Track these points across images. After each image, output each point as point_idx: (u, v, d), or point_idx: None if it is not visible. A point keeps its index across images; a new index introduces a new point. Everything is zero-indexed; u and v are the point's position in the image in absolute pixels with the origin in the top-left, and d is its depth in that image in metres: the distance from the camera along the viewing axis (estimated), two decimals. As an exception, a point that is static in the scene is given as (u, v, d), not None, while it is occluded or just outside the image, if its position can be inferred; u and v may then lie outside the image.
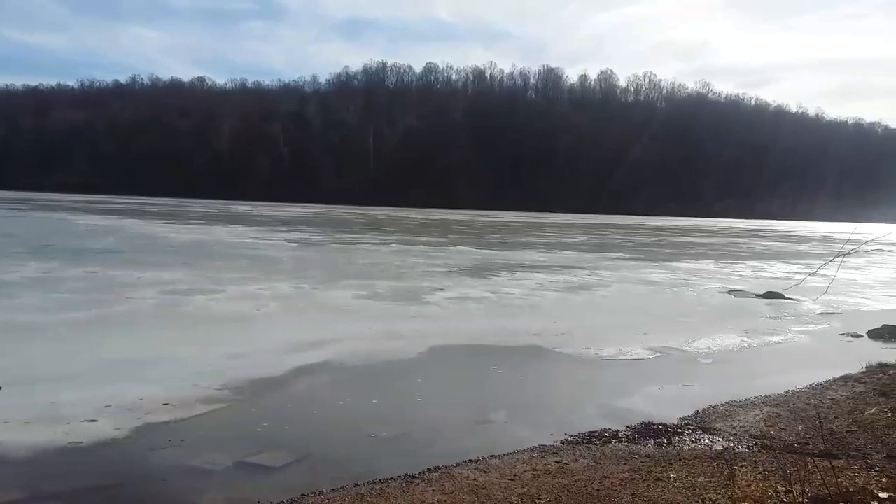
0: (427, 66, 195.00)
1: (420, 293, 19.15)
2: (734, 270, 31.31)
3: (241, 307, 15.74)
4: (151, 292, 17.25)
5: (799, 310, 19.12)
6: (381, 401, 9.34)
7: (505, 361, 11.89)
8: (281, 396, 9.33)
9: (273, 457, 7.05)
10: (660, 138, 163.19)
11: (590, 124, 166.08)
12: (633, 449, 7.35)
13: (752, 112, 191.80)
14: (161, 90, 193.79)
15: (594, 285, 23.08)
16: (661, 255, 39.40)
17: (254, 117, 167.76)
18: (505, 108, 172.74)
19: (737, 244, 56.26)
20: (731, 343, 14.00)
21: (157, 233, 42.00)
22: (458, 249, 37.05)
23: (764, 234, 79.44)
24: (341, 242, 40.25)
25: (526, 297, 19.63)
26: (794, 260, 39.82)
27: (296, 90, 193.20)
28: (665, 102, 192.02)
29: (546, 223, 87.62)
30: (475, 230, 62.89)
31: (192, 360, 10.57)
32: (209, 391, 9.07)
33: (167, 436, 7.52)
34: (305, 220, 71.22)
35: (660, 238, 62.05)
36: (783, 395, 9.85)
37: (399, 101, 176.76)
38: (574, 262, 32.07)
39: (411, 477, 6.44)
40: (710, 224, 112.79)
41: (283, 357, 11.08)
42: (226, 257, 27.65)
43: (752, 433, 7.95)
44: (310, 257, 30.44)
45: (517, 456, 7.08)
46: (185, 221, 56.95)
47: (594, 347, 12.91)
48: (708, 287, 23.88)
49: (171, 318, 14.21)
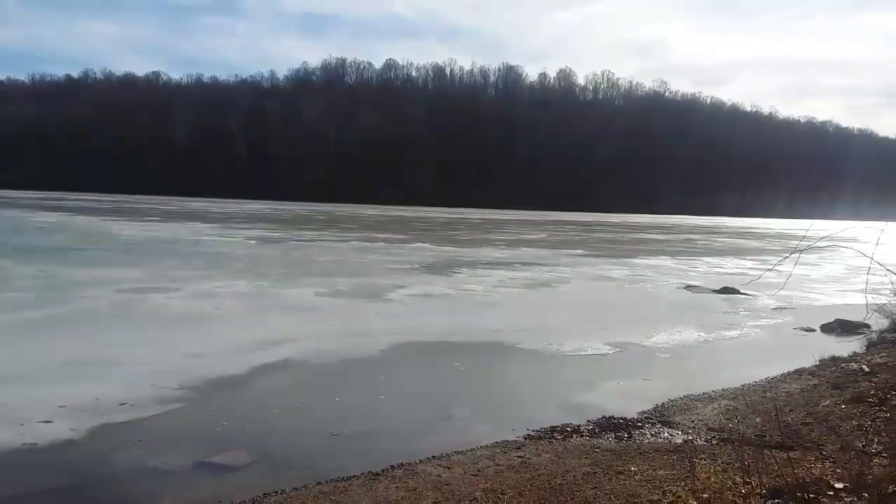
0: (387, 63, 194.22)
1: (381, 290, 19.09)
2: (691, 266, 31.82)
3: (200, 305, 15.52)
4: (107, 291, 16.89)
5: (754, 305, 19.51)
6: (343, 399, 9.29)
7: (467, 358, 11.92)
8: (241, 395, 9.22)
9: (233, 456, 6.97)
10: (618, 136, 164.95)
11: (550, 122, 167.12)
12: (594, 443, 7.43)
13: (708, 110, 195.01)
14: (115, 84, 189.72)
15: (554, 282, 23.27)
16: (620, 252, 39.87)
17: (210, 113, 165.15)
18: (465, 105, 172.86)
19: (693, 241, 57.17)
20: (688, 338, 14.24)
21: (112, 230, 41.17)
22: (419, 246, 37.02)
23: (720, 231, 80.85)
24: (301, 240, 39.93)
25: (487, 293, 19.69)
26: (749, 256, 40.59)
27: (253, 85, 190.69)
28: (623, 101, 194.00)
29: (506, 220, 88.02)
30: (436, 227, 62.91)
31: (149, 360, 10.38)
32: (167, 391, 8.93)
33: (125, 436, 7.39)
34: (264, 217, 70.50)
35: (619, 235, 62.78)
36: (740, 388, 10.04)
37: (359, 97, 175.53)
38: (534, 258, 32.27)
39: (374, 474, 6.41)
40: (668, 221, 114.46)
41: (242, 356, 10.94)
42: (183, 255, 27.22)
43: (710, 426, 8.09)
44: (269, 255, 30.13)
45: (480, 451, 7.11)
46: (140, 218, 55.93)
47: (555, 343, 13.01)
48: (666, 283, 24.23)
49: (128, 317, 13.94)
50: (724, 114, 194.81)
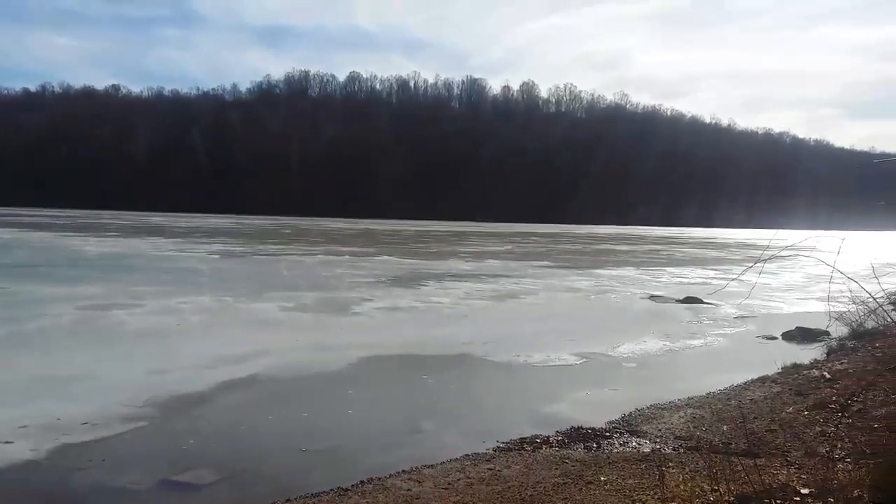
0: (351, 75, 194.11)
1: (348, 304, 19.00)
2: (654, 277, 32.19)
3: (163, 321, 15.28)
4: (67, 307, 16.55)
5: (717, 314, 19.80)
6: (311, 414, 9.21)
7: (435, 370, 11.89)
8: (207, 412, 9.08)
9: (200, 474, 6.86)
10: (582, 148, 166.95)
11: (514, 134, 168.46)
12: (563, 454, 7.45)
13: (668, 122, 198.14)
14: (73, 98, 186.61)
15: (521, 293, 23.36)
16: (585, 263, 40.20)
17: (171, 126, 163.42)
18: (430, 117, 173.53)
19: (657, 251, 57.88)
20: (653, 347, 14.38)
21: (72, 246, 40.38)
22: (385, 259, 36.93)
23: (682, 242, 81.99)
24: (265, 254, 39.59)
25: (454, 305, 19.71)
26: (710, 266, 41.20)
27: (215, 99, 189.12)
28: (585, 113, 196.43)
29: (472, 232, 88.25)
30: (402, 240, 62.84)
31: (112, 377, 10.19)
32: (131, 409, 8.76)
33: (88, 456, 7.23)
34: (227, 231, 69.78)
35: (583, 246, 63.31)
36: (705, 396, 10.17)
37: (323, 110, 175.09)
38: (500, 270, 32.38)
39: (344, 490, 6.37)
40: (631, 232, 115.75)
41: (207, 372, 10.79)
42: (145, 270, 26.80)
43: (677, 434, 8.17)
44: (233, 269, 29.81)
45: (450, 465, 7.09)
46: (100, 234, 54.95)
47: (523, 354, 13.06)
48: (630, 293, 24.47)
49: (89, 334, 13.67)
50: (684, 125, 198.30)
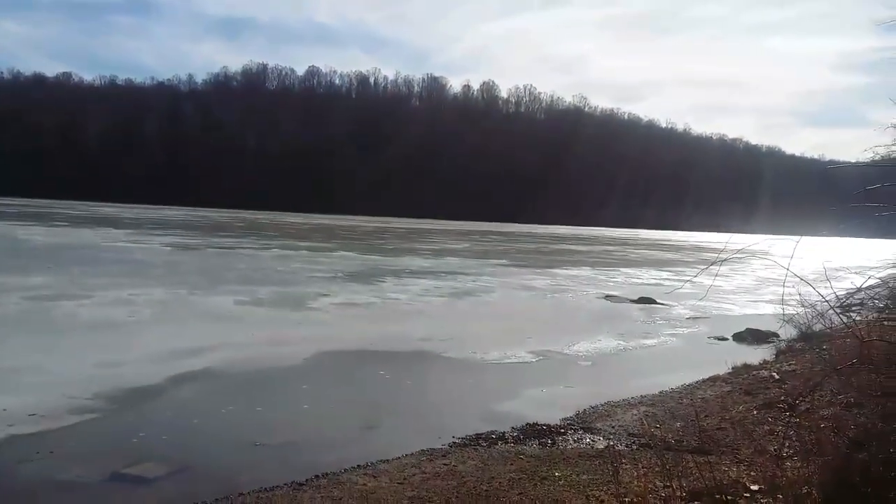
0: (310, 70, 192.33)
1: (304, 299, 18.85)
2: (609, 277, 32.59)
3: (114, 313, 14.95)
4: (14, 297, 16.11)
5: (670, 314, 20.12)
6: (265, 408, 9.11)
7: (392, 366, 11.86)
8: (158, 406, 8.92)
9: (150, 468, 6.73)
10: (540, 149, 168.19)
11: (473, 133, 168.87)
12: (519, 449, 7.50)
13: (625, 126, 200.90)
14: (22, 85, 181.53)
15: (478, 291, 23.44)
16: (542, 262, 40.52)
17: (124, 116, 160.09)
18: (389, 114, 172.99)
19: (611, 252, 58.62)
20: (608, 346, 14.56)
21: (19, 235, 39.28)
22: (343, 255, 36.72)
23: (636, 243, 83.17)
24: (220, 247, 39.04)
25: (412, 302, 19.68)
26: (665, 267, 41.87)
27: (170, 89, 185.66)
28: (545, 114, 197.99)
29: (430, 230, 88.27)
30: (359, 236, 62.56)
31: (60, 369, 9.95)
32: (80, 401, 8.57)
33: (35, 448, 7.05)
34: (181, 223, 68.64)
35: (541, 245, 63.80)
36: (657, 395, 10.34)
37: (281, 103, 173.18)
38: (458, 268, 32.44)
39: (299, 484, 6.32)
40: (589, 233, 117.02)
41: (160, 365, 10.61)
42: (95, 262, 26.19)
43: (630, 432, 8.29)
44: (187, 262, 29.32)
45: (406, 460, 7.09)
46: (49, 223, 53.55)
47: (479, 352, 13.10)
48: (586, 293, 24.74)
49: (37, 325, 13.32)
50: (640, 129, 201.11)
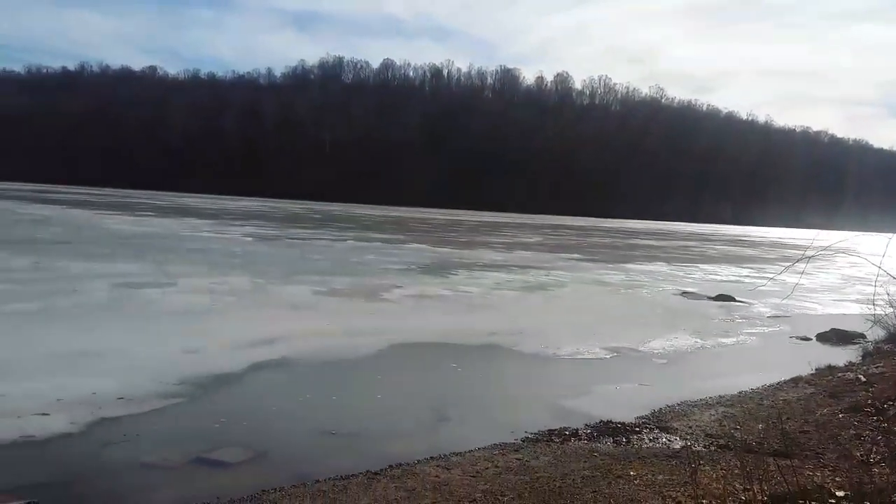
0: (384, 62, 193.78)
1: (378, 290, 19.06)
2: (686, 273, 31.87)
3: (196, 301, 15.45)
4: (102, 284, 16.80)
5: (750, 313, 19.55)
6: (340, 397, 9.27)
7: (464, 359, 11.89)
8: (238, 392, 9.19)
9: (230, 453, 6.93)
10: (614, 141, 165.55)
11: (546, 126, 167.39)
12: (592, 447, 7.41)
13: (704, 118, 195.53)
14: (110, 79, 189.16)
15: (551, 285, 23.26)
16: (616, 257, 39.91)
17: (206, 109, 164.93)
18: (462, 107, 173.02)
19: (688, 247, 57.30)
20: (684, 344, 14.24)
21: (107, 224, 41.02)
22: (415, 247, 36.98)
23: (715, 238, 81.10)
24: (296, 238, 39.85)
25: (483, 295, 19.67)
26: (744, 264, 40.68)
27: (250, 82, 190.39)
28: (619, 106, 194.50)
29: (502, 223, 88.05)
30: (432, 228, 62.88)
31: (146, 354, 10.32)
32: (165, 386, 8.88)
33: (121, 431, 7.34)
34: (258, 214, 70.35)
35: (614, 240, 62.87)
36: (736, 395, 10.06)
37: (355, 96, 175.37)
38: (530, 261, 32.27)
39: (373, 474, 6.39)
40: (663, 227, 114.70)
41: (240, 352, 10.91)
42: (179, 251, 27.12)
43: (708, 432, 8.09)
44: (265, 252, 30.04)
45: (478, 453, 7.09)
46: (134, 213, 55.72)
47: (552, 346, 13.00)
48: (661, 289, 24.26)
49: (124, 311, 13.86)
50: (719, 121, 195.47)
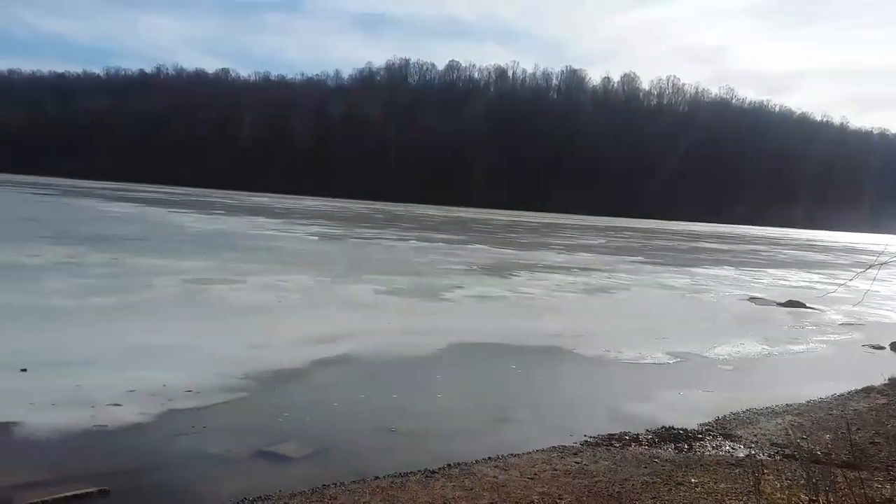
0: (450, 64, 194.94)
1: (439, 290, 19.17)
2: (754, 278, 31.07)
3: (263, 298, 15.83)
4: (173, 280, 17.37)
5: (821, 319, 18.95)
6: (400, 396, 9.37)
7: (523, 361, 11.87)
8: (301, 388, 9.38)
9: (293, 447, 7.09)
10: (682, 143, 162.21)
11: (612, 127, 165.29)
12: (653, 453, 7.32)
13: (776, 119, 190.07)
14: (185, 81, 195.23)
15: (613, 288, 22.99)
16: (681, 261, 39.18)
17: (275, 110, 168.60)
18: (527, 108, 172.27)
19: (757, 251, 55.82)
20: (751, 350, 13.91)
21: (179, 222, 42.32)
22: (477, 248, 37.03)
23: (784, 243, 78.79)
24: (360, 237, 40.35)
25: (545, 297, 19.59)
26: (815, 269, 39.45)
27: (319, 84, 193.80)
28: (688, 107, 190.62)
29: (564, 224, 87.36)
30: (493, 229, 62.83)
31: (214, 349, 10.64)
32: (231, 380, 9.14)
33: (189, 422, 7.58)
34: (324, 213, 71.45)
35: (679, 243, 61.70)
36: (805, 404, 9.78)
37: (421, 98, 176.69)
38: (592, 264, 31.95)
39: (431, 472, 6.45)
40: (730, 230, 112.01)
41: (303, 349, 11.14)
42: (247, 248, 27.81)
43: (774, 441, 7.90)
44: (329, 251, 30.54)
45: (536, 455, 7.08)
46: (205, 211, 57.31)
47: (613, 350, 12.87)
48: (728, 294, 23.71)
49: (193, 307, 14.30)
50: (792, 123, 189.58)
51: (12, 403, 7.61)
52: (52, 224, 33.63)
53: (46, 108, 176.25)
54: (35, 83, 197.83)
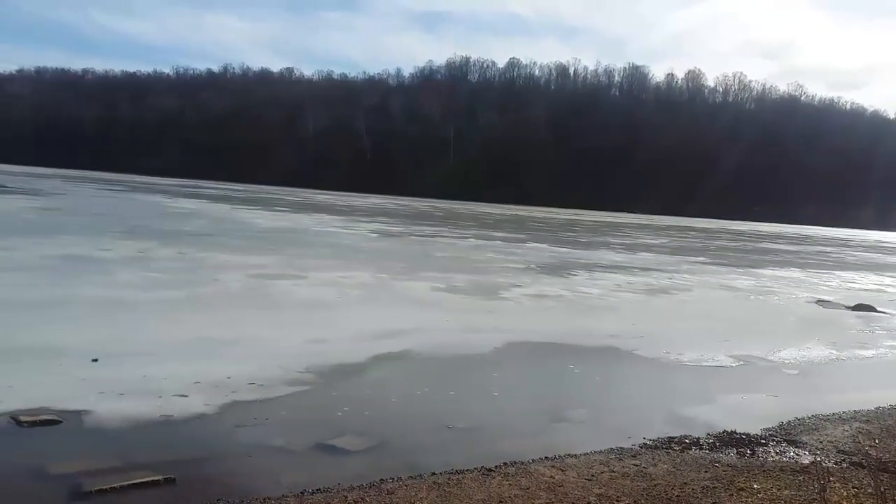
0: (510, 62, 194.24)
1: (497, 288, 19.17)
2: (822, 280, 30.15)
3: (324, 293, 16.09)
4: (238, 275, 17.80)
5: (892, 324, 18.30)
6: (457, 393, 9.43)
7: (581, 361, 11.79)
8: (361, 383, 9.52)
9: (352, 441, 7.21)
10: (748, 141, 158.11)
11: (675, 125, 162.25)
12: (714, 457, 7.20)
13: (846, 117, 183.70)
14: (251, 80, 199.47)
15: (674, 289, 22.62)
16: (745, 261, 38.27)
17: (338, 109, 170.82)
18: (587, 105, 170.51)
19: (825, 253, 54.13)
20: (818, 355, 13.51)
21: (244, 218, 43.26)
22: (535, 246, 36.87)
23: (854, 244, 76.19)
24: (420, 235, 40.60)
25: (603, 297, 19.40)
26: (887, 272, 38.06)
27: (380, 83, 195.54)
28: (755, 104, 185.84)
29: (624, 223, 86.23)
30: (552, 228, 62.43)
31: (277, 343, 10.88)
32: (293, 373, 9.33)
33: (252, 414, 7.77)
34: (385, 211, 72.08)
35: (743, 243, 60.26)
36: (874, 411, 9.48)
37: (481, 96, 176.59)
38: (653, 264, 31.47)
39: (488, 470, 6.47)
40: (797, 231, 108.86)
41: (363, 344, 11.30)
42: (310, 245, 28.29)
43: (840, 448, 7.68)
44: (390, 248, 30.82)
45: (594, 456, 7.04)
46: (270, 208, 58.45)
47: (674, 352, 12.67)
48: (794, 296, 23.07)
49: (258, 301, 14.62)
50: (864, 121, 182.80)
51: (83, 392, 7.92)
52: (123, 219, 34.81)
53: (119, 108, 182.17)
54: (108, 83, 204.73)
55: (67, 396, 7.74)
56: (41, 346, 9.64)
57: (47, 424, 7.05)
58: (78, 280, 15.44)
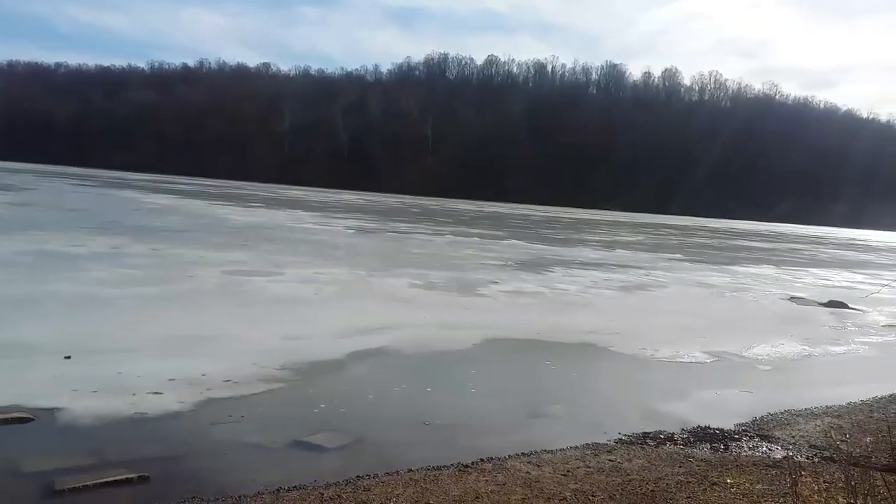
0: (488, 59, 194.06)
1: (474, 285, 19.19)
2: (795, 277, 30.54)
3: (300, 290, 16.01)
4: (213, 271, 17.66)
5: (863, 321, 18.57)
6: (435, 389, 9.42)
7: (558, 357, 11.85)
8: (337, 379, 9.48)
9: (329, 438, 7.19)
10: (724, 139, 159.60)
11: (652, 123, 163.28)
12: (688, 452, 7.27)
13: (820, 116, 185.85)
14: (227, 75, 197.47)
15: (650, 285, 22.79)
16: (720, 259, 38.65)
17: (315, 105, 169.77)
18: (565, 103, 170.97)
19: (798, 250, 54.82)
20: (791, 351, 13.69)
21: (219, 214, 42.91)
22: (513, 243, 36.95)
23: (827, 242, 77.25)
24: (396, 231, 40.51)
25: (580, 294, 19.50)
26: (858, 269, 38.61)
27: (357, 79, 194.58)
28: (731, 103, 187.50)
29: (601, 221, 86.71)
30: (530, 225, 62.61)
31: (252, 340, 10.81)
32: (268, 370, 9.28)
33: (228, 411, 7.72)
34: (361, 207, 71.84)
35: (719, 241, 60.86)
36: (845, 406, 9.62)
37: (459, 93, 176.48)
38: (630, 261, 31.69)
39: (464, 466, 6.50)
40: (771, 229, 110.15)
41: (340, 341, 11.26)
42: (284, 241, 28.11)
43: (812, 443, 7.79)
44: (366, 244, 30.71)
45: (570, 452, 7.08)
46: (245, 204, 58.01)
47: (650, 348, 12.77)
48: (768, 293, 23.34)
49: (233, 298, 14.51)
50: (837, 120, 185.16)
51: (56, 390, 7.82)
52: (96, 215, 34.39)
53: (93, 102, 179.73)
54: (81, 76, 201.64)
55: (40, 394, 7.65)
56: (13, 342, 9.51)
57: (19, 422, 6.97)
58: (51, 276, 15.22)
